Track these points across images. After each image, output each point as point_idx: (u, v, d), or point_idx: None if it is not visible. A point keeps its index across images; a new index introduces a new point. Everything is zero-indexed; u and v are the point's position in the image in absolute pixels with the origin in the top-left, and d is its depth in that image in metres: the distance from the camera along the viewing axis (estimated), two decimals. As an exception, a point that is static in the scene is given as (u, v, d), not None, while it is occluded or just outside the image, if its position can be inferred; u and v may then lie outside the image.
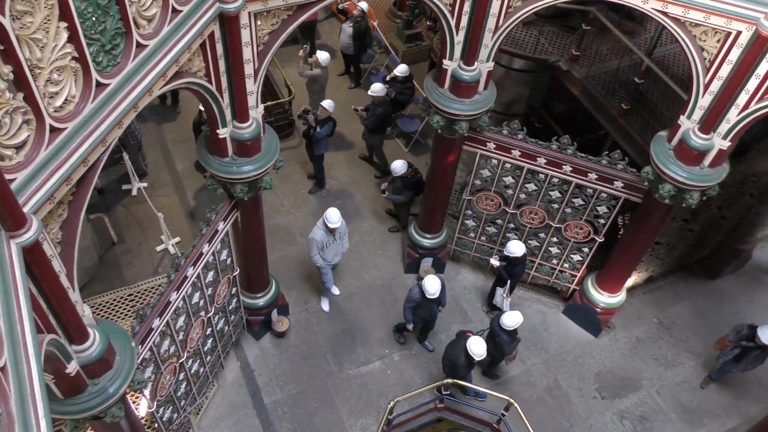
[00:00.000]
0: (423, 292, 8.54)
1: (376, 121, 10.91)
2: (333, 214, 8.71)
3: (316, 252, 9.00)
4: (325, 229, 8.80)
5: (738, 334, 8.78)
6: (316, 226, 8.96)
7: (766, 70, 6.18)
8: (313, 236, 8.93)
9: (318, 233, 8.87)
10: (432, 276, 8.58)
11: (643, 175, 7.78)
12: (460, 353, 8.21)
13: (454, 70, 7.47)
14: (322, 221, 8.82)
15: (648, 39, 9.44)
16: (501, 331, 8.49)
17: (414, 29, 13.74)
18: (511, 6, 6.86)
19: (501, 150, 8.51)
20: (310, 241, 8.99)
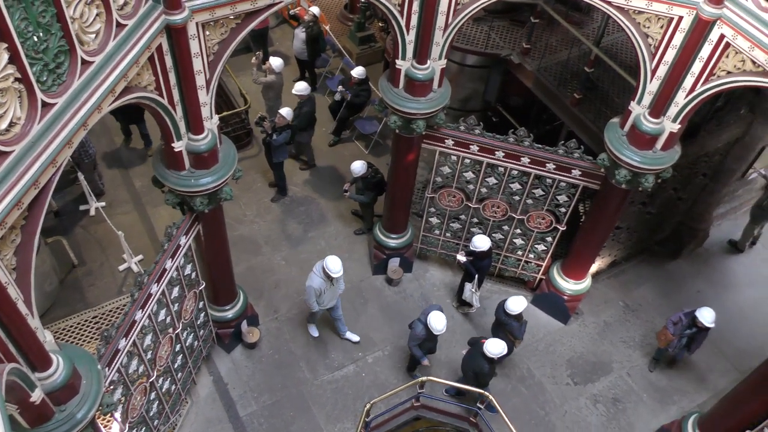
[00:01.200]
0: (428, 329, 8.30)
1: (303, 119, 10.88)
2: (334, 264, 8.40)
3: (314, 300, 8.73)
4: (324, 276, 8.50)
5: (677, 326, 8.89)
6: (313, 273, 8.60)
7: (708, 52, 6.36)
8: (310, 284, 8.60)
9: (316, 281, 8.56)
10: (437, 313, 8.30)
11: (599, 162, 7.93)
12: (483, 361, 8.14)
13: (407, 70, 7.51)
14: (320, 269, 8.50)
15: (595, 29, 9.61)
16: (509, 318, 8.59)
17: (366, 31, 13.77)
18: (459, 3, 6.93)
19: (459, 146, 8.58)
20: (307, 290, 8.67)
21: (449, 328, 9.86)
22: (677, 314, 8.97)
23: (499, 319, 8.76)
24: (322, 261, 8.56)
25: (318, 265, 8.63)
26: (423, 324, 8.37)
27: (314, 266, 8.69)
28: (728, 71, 6.34)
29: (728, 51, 6.24)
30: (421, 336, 8.44)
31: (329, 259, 8.45)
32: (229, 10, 5.76)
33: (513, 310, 8.49)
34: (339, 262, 8.46)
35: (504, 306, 8.59)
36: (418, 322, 8.49)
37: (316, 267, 8.65)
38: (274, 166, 10.92)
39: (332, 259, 8.46)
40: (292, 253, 10.70)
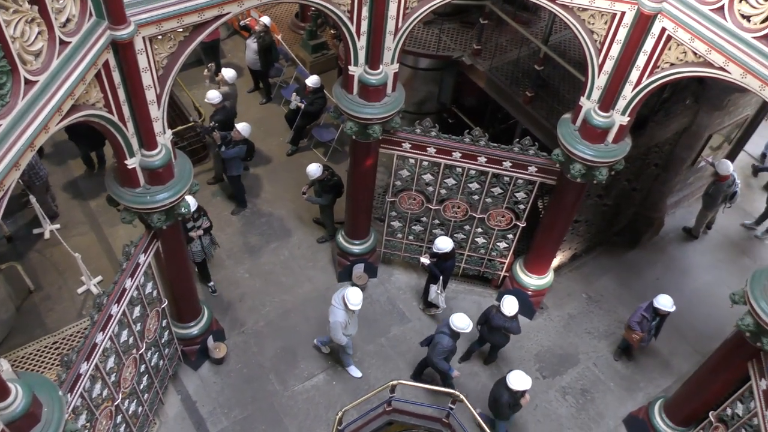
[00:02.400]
0: (454, 336, 8.25)
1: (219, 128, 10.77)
2: (356, 297, 8.25)
3: (342, 333, 8.55)
4: (345, 309, 8.36)
5: (643, 323, 9.06)
6: (334, 307, 8.45)
7: (651, 46, 6.53)
8: (336, 319, 8.42)
9: (340, 314, 8.40)
10: (459, 314, 8.30)
11: (554, 158, 8.07)
12: (503, 390, 8.07)
13: (360, 75, 7.53)
14: (340, 300, 8.36)
15: (543, 27, 9.78)
16: (507, 320, 8.65)
17: (319, 39, 13.77)
18: (408, 7, 6.98)
19: (417, 149, 8.64)
20: (333, 326, 8.49)
21: (416, 329, 9.96)
22: (637, 313, 9.11)
23: (497, 325, 8.78)
24: (340, 293, 8.45)
25: (336, 298, 8.47)
26: (448, 334, 8.22)
27: (332, 299, 8.53)
28: (671, 63, 6.52)
29: (670, 43, 6.42)
30: (449, 347, 8.30)
31: (350, 292, 8.29)
32: (176, 23, 5.70)
33: (510, 312, 8.55)
34: (360, 295, 8.33)
35: (500, 312, 8.61)
36: (441, 334, 8.32)
37: (335, 300, 8.49)
38: (230, 179, 10.83)
39: (354, 292, 8.29)
40: (255, 265, 10.60)
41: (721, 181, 10.66)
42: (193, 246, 9.25)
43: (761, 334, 6.55)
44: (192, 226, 9.12)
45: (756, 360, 7.00)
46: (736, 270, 11.14)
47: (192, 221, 9.10)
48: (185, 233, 8.93)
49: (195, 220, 9.14)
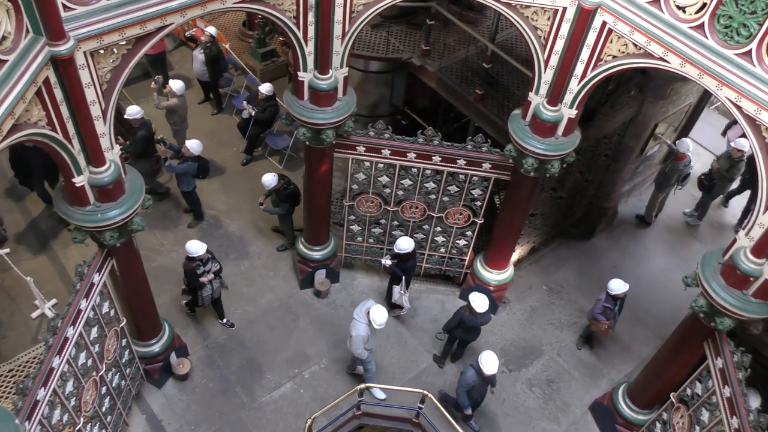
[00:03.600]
0: (479, 372, 8.04)
1: (138, 145, 10.48)
2: (381, 315, 8.16)
3: (363, 347, 8.45)
4: (368, 323, 8.28)
5: (608, 312, 9.25)
6: (356, 321, 8.35)
7: (594, 39, 6.69)
8: (358, 333, 8.33)
9: (362, 329, 8.30)
10: (488, 352, 8.07)
11: (507, 153, 8.19)
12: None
13: (310, 81, 7.51)
14: (363, 314, 8.29)
15: (489, 26, 9.92)
16: (481, 316, 8.72)
17: (268, 46, 13.67)
18: (354, 11, 6.99)
19: (371, 151, 8.65)
20: (355, 339, 8.38)
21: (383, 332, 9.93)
22: (598, 305, 9.25)
23: (467, 322, 8.85)
24: (362, 306, 8.39)
25: (359, 312, 8.38)
26: (475, 369, 8.12)
27: (354, 313, 8.44)
28: (614, 56, 6.68)
29: (611, 36, 6.58)
30: (471, 382, 8.19)
31: (375, 311, 8.19)
32: (117, 36, 5.59)
33: (481, 309, 8.60)
34: (385, 314, 8.22)
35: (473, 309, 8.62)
36: (470, 366, 8.25)
37: (357, 314, 8.39)
38: (183, 194, 10.66)
39: (379, 311, 8.19)
40: (215, 278, 10.46)
41: (678, 159, 10.97)
42: (203, 291, 9.02)
43: (714, 315, 6.76)
44: (202, 271, 8.85)
45: (711, 340, 7.21)
46: (688, 254, 11.46)
47: (201, 266, 8.85)
48: (196, 279, 8.79)
49: (204, 264, 8.87)
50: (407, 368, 9.67)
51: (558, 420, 9.38)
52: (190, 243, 8.72)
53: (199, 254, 8.67)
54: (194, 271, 8.77)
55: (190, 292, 9.26)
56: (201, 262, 8.80)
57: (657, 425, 8.24)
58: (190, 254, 8.71)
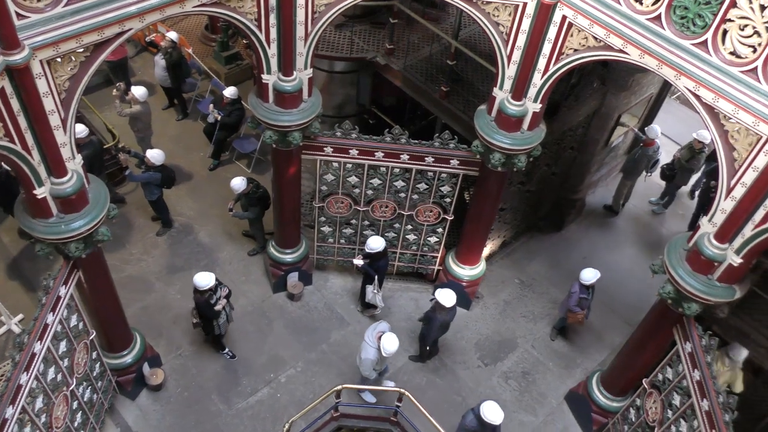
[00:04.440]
0: (480, 420, 7.62)
1: None
2: (391, 344, 8.06)
3: (371, 370, 8.42)
4: (377, 350, 8.22)
5: (582, 303, 9.36)
6: (366, 344, 8.30)
7: (555, 33, 6.77)
8: (367, 356, 8.29)
9: (372, 352, 8.25)
10: (491, 402, 7.62)
11: (474, 149, 8.24)
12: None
13: (274, 83, 7.46)
14: (374, 340, 8.23)
15: (452, 23, 9.95)
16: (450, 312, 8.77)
17: (231, 50, 13.56)
18: (316, 12, 6.96)
19: (339, 152, 8.63)
20: (364, 362, 8.35)
21: (357, 331, 9.94)
22: (573, 297, 9.32)
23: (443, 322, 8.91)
24: (373, 329, 8.34)
25: (370, 335, 8.32)
26: (475, 414, 7.81)
27: (365, 335, 8.39)
28: (575, 49, 6.76)
29: (572, 30, 6.66)
30: (470, 427, 7.94)
31: (386, 339, 8.08)
32: (75, 43, 5.48)
33: (443, 302, 8.63)
34: (396, 343, 8.12)
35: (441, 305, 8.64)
36: (470, 411, 7.98)
37: (368, 337, 8.33)
38: (150, 203, 10.50)
39: (390, 339, 8.09)
40: (186, 285, 10.27)
41: (647, 146, 11.15)
42: (219, 319, 8.80)
43: (682, 300, 6.89)
44: (215, 300, 8.63)
45: (680, 325, 7.35)
46: (655, 242, 11.66)
47: (213, 295, 8.61)
48: (211, 310, 8.58)
49: (214, 292, 8.62)
50: (384, 367, 9.67)
51: (535, 411, 9.47)
52: (199, 276, 8.39)
53: (210, 286, 8.39)
54: (208, 303, 8.50)
55: (203, 325, 8.95)
56: (211, 290, 8.55)
57: (631, 411, 8.37)
58: (200, 288, 8.38)
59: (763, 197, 5.82)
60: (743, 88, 5.57)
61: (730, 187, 6.04)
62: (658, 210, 12.30)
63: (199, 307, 8.61)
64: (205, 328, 8.98)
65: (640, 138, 11.23)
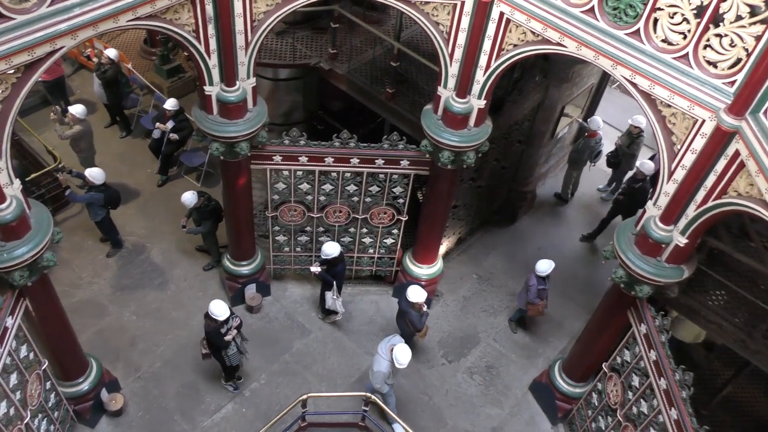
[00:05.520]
0: None
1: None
2: (404, 356, 7.95)
3: (383, 382, 8.30)
4: (390, 362, 8.10)
5: (541, 294, 9.51)
6: (379, 357, 8.18)
7: (494, 30, 6.85)
8: (380, 369, 8.17)
9: (384, 365, 8.14)
10: None
11: (423, 149, 8.29)
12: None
13: (217, 94, 7.36)
14: (387, 352, 8.10)
15: (393, 24, 9.99)
16: (408, 307, 8.79)
17: (172, 63, 13.30)
18: (254, 20, 6.90)
19: (288, 160, 8.57)
20: (376, 375, 8.22)
21: (319, 339, 9.90)
22: (532, 290, 9.42)
23: (401, 308, 9.02)
24: (386, 342, 8.24)
25: (383, 348, 8.21)
26: None
27: (378, 348, 8.27)
28: (514, 44, 6.86)
29: (510, 26, 6.75)
30: None
31: (399, 350, 7.98)
32: (4, 64, 5.30)
33: (410, 297, 8.71)
34: (409, 354, 8.02)
35: (405, 294, 8.82)
36: None
37: (381, 349, 8.21)
38: (96, 224, 10.21)
39: (402, 350, 7.99)
40: (142, 306, 10.10)
41: (590, 137, 11.40)
42: (229, 350, 8.54)
43: (634, 283, 7.05)
44: (226, 330, 8.38)
45: (634, 308, 7.53)
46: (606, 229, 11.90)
47: (224, 325, 8.36)
48: (221, 339, 8.34)
49: (226, 322, 8.34)
50: (348, 372, 9.64)
51: (501, 404, 9.57)
52: (215, 305, 8.17)
53: (225, 316, 8.19)
54: (218, 332, 8.29)
55: (214, 355, 8.72)
56: (224, 322, 8.33)
57: (593, 395, 8.54)
58: (215, 317, 8.15)
59: (702, 178, 6.00)
60: (677, 74, 5.74)
61: (671, 171, 6.22)
62: (606, 197, 12.59)
63: (209, 335, 8.39)
64: (216, 358, 8.78)
65: (585, 128, 11.49)
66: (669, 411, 6.73)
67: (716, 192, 5.95)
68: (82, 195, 9.85)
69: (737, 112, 5.42)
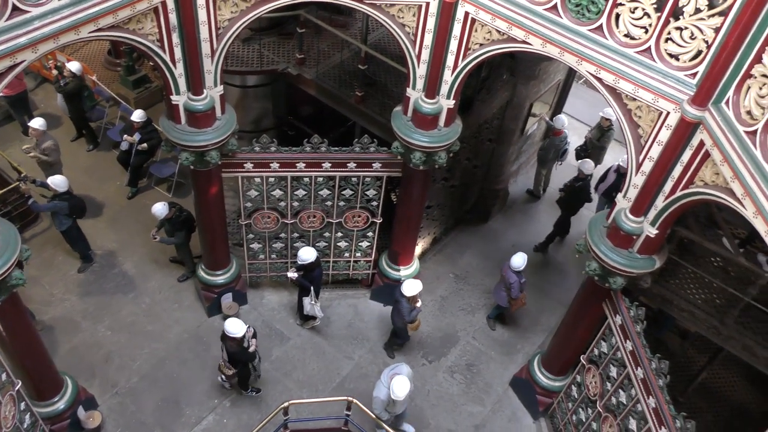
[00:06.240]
0: None
1: None
2: (400, 388, 7.71)
3: (382, 409, 8.11)
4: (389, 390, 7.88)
5: (523, 284, 9.61)
6: (380, 383, 8.04)
7: (459, 30, 6.90)
8: (378, 395, 8.01)
9: (383, 393, 7.95)
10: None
11: (394, 150, 8.31)
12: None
13: (185, 103, 7.30)
14: (388, 380, 7.91)
15: (360, 27, 10.00)
16: (401, 297, 8.82)
17: (138, 73, 13.13)
18: (219, 27, 6.85)
19: (260, 167, 8.52)
20: (375, 400, 8.06)
21: (298, 345, 9.85)
22: (515, 285, 9.46)
23: (395, 297, 9.07)
24: (391, 369, 8.10)
25: (385, 375, 8.07)
26: None
27: (382, 374, 8.15)
28: (480, 43, 6.91)
29: (475, 26, 6.80)
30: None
31: (396, 382, 7.76)
32: (-38, 82, 5.20)
33: (405, 290, 8.74)
34: (406, 387, 7.78)
35: (399, 287, 8.88)
36: None
37: (383, 376, 8.08)
38: (62, 234, 10.03)
39: (400, 382, 7.76)
40: (116, 320, 9.95)
41: (555, 135, 11.53)
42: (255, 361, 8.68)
43: (607, 275, 7.14)
44: (247, 342, 8.44)
45: (608, 299, 7.63)
46: (579, 222, 12.01)
47: (246, 340, 8.39)
48: (246, 354, 8.35)
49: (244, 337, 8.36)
50: (329, 378, 9.61)
51: (482, 401, 9.61)
52: (230, 324, 8.17)
53: (243, 333, 8.18)
54: (242, 347, 8.37)
55: (240, 372, 8.72)
56: (245, 337, 8.33)
57: (573, 388, 8.63)
58: (232, 335, 8.16)
59: (669, 169, 6.11)
60: (640, 68, 5.84)
61: (639, 163, 6.32)
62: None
63: (234, 355, 8.43)
64: (242, 374, 8.80)
65: (551, 126, 11.62)
66: (647, 400, 6.83)
67: (683, 182, 6.06)
68: (45, 204, 9.66)
69: (700, 103, 5.53)
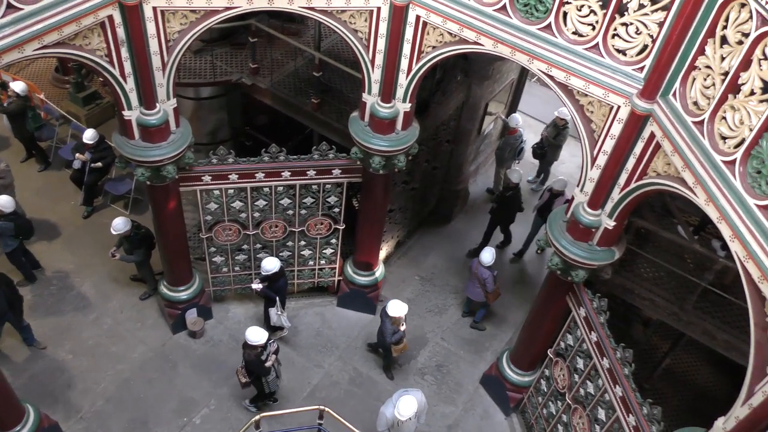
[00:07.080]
0: None
1: None
2: (405, 408, 7.50)
3: (385, 427, 7.95)
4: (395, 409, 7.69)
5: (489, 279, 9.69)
6: (389, 400, 7.87)
7: (411, 33, 6.95)
8: (383, 411, 7.86)
9: (389, 412, 7.76)
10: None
11: (353, 156, 8.31)
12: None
13: (137, 118, 7.17)
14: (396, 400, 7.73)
15: (313, 35, 9.98)
16: (386, 318, 8.79)
17: (88, 89, 12.86)
18: (169, 40, 6.75)
19: (218, 179, 8.43)
20: (380, 416, 7.92)
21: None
22: (489, 279, 9.59)
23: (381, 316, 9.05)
24: (404, 390, 7.93)
25: (398, 393, 7.88)
26: None
27: (395, 394, 7.93)
28: (433, 46, 6.96)
29: (427, 29, 6.86)
30: None
31: (403, 400, 7.57)
32: None
33: (390, 311, 8.74)
34: (411, 408, 7.55)
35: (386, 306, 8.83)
36: None
37: (395, 394, 7.89)
38: (7, 256, 9.73)
39: (405, 402, 7.55)
40: (77, 344, 9.69)
41: (510, 134, 11.69)
42: (269, 376, 8.47)
43: (569, 269, 7.26)
44: (266, 356, 8.29)
45: (572, 292, 7.75)
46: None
47: (263, 351, 8.25)
48: (262, 367, 8.24)
49: (264, 348, 8.26)
50: (300, 387, 9.53)
51: (454, 401, 9.65)
52: (251, 332, 8.10)
53: (263, 342, 8.10)
54: (259, 359, 8.19)
55: (253, 383, 8.55)
56: (262, 346, 8.17)
57: (542, 382, 8.73)
58: (252, 343, 8.08)
59: (623, 162, 6.25)
60: (590, 64, 5.96)
61: (593, 157, 6.45)
62: (536, 188, 12.91)
63: (250, 364, 8.27)
64: (255, 386, 8.67)
65: (506, 125, 11.78)
66: (614, 389, 6.95)
67: (637, 174, 6.20)
68: None
69: (648, 96, 5.67)
